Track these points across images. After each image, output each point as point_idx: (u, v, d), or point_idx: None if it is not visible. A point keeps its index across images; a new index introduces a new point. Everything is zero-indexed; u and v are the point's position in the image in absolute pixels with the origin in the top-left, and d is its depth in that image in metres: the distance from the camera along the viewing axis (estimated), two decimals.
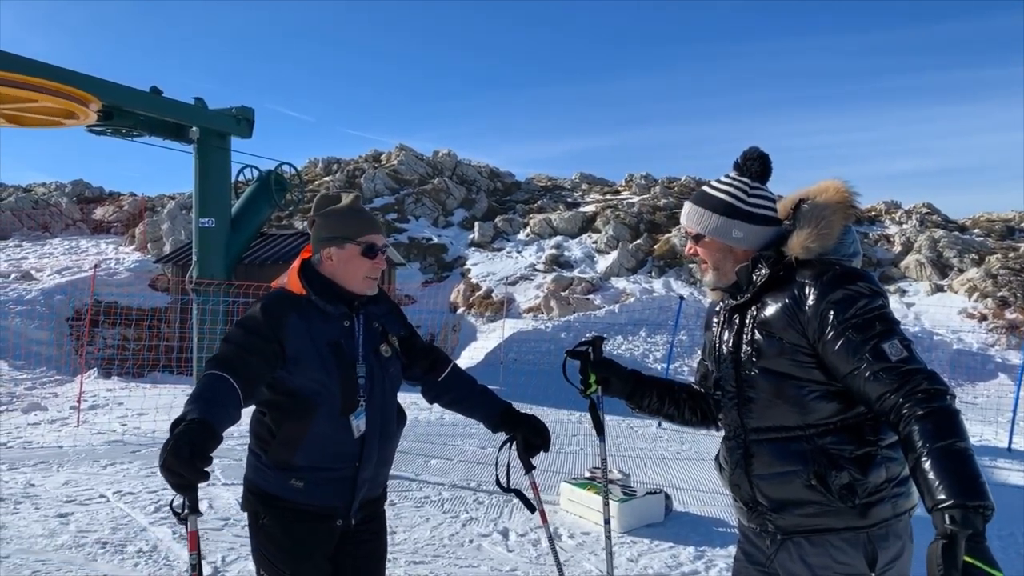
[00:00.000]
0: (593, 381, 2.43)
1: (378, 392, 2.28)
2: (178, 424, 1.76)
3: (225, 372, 1.96)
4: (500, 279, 20.24)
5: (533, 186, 29.90)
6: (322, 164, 29.32)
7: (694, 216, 2.08)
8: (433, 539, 5.02)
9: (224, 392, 1.92)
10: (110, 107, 11.28)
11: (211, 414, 1.81)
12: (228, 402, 1.91)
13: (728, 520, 5.55)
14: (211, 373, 1.96)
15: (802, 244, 1.93)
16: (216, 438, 1.76)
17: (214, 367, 1.98)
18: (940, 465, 1.57)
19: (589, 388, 2.44)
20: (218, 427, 1.79)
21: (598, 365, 2.43)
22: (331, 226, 2.29)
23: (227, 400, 1.91)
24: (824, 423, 1.89)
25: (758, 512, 2.01)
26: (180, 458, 1.66)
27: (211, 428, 1.76)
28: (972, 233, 22.29)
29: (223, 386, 1.93)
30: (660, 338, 15.39)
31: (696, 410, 2.34)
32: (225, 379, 1.94)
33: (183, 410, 1.82)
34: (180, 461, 1.66)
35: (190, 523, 1.78)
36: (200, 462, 1.68)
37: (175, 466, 1.66)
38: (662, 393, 2.38)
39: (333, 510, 2.23)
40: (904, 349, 1.76)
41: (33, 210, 24.53)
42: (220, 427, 1.81)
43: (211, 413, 1.81)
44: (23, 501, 5.41)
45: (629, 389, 2.40)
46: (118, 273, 17.87)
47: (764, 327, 1.94)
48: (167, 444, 1.69)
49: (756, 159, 2.05)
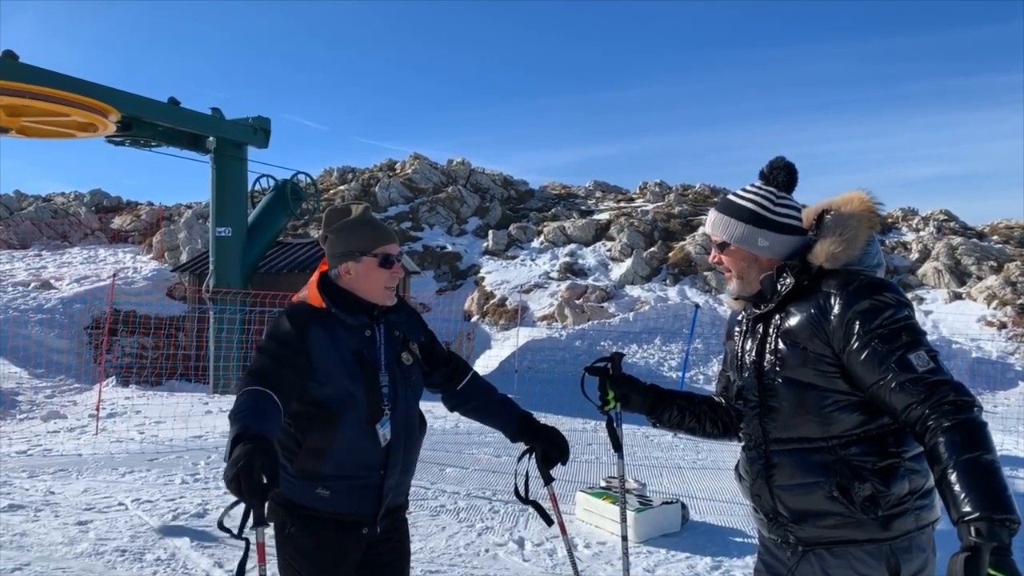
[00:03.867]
0: (612, 398, 2.41)
1: (402, 400, 2.29)
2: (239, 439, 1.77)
3: (267, 388, 1.97)
4: (514, 287, 20.25)
5: (547, 194, 29.94)
6: (337, 173, 29.51)
7: (720, 224, 2.08)
8: (449, 548, 5.02)
9: (268, 406, 1.94)
10: (129, 118, 11.42)
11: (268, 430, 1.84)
12: (272, 415, 1.93)
13: (746, 530, 5.51)
14: (255, 389, 1.97)
15: (828, 253, 1.93)
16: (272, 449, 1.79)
17: (256, 382, 1.99)
18: (966, 477, 1.56)
19: (608, 405, 2.42)
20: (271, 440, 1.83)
21: (617, 381, 2.41)
22: (345, 241, 2.30)
23: (272, 413, 1.94)
24: (847, 434, 1.87)
25: (779, 523, 1.99)
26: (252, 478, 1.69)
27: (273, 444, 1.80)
28: (990, 240, 22.08)
29: (266, 400, 1.95)
30: (675, 346, 15.34)
31: (717, 422, 2.33)
32: (266, 393, 1.96)
33: (237, 425, 1.84)
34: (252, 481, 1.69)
35: (257, 535, 1.80)
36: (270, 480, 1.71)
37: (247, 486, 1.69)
38: (682, 407, 2.37)
39: (360, 518, 2.24)
40: (931, 360, 1.75)
41: (52, 220, 24.84)
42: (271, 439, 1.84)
43: (268, 430, 1.85)
44: (43, 508, 5.46)
45: (649, 404, 2.39)
46: (136, 282, 18.05)
47: (788, 336, 1.94)
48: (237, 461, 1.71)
49: (783, 168, 2.06)
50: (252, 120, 13.52)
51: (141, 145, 13.04)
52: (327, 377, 2.17)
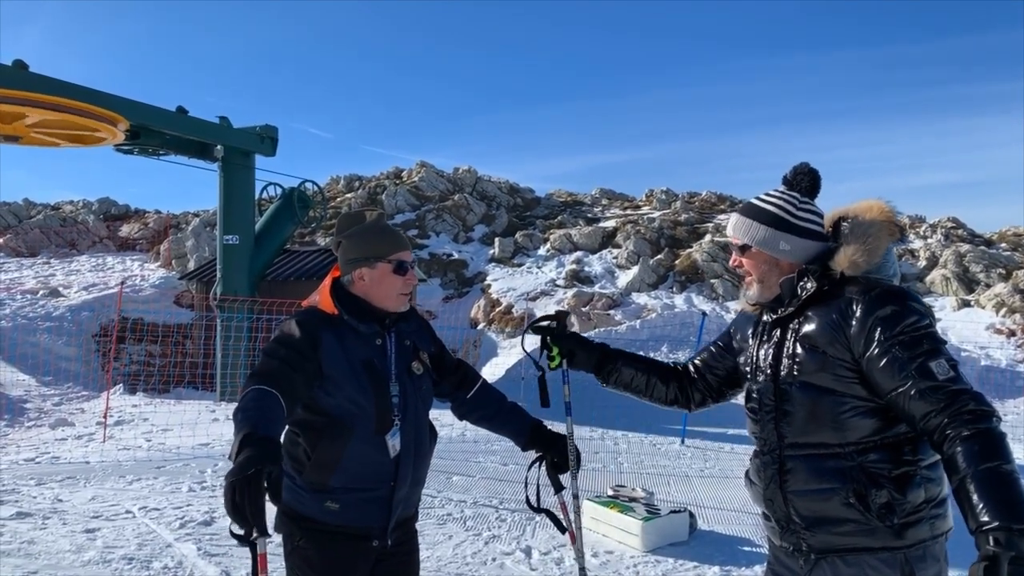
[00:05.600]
0: (557, 354, 2.39)
1: (411, 410, 2.26)
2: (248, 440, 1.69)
3: (272, 387, 1.91)
4: (520, 295, 20.23)
5: (553, 201, 29.94)
6: (344, 181, 29.59)
7: (741, 227, 2.07)
8: (456, 557, 5.00)
9: (276, 408, 1.87)
10: (138, 127, 11.48)
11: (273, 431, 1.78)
12: (279, 418, 1.87)
13: (754, 539, 5.48)
14: (259, 388, 1.90)
15: (850, 260, 1.93)
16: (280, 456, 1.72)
17: (261, 382, 1.93)
18: (985, 487, 1.56)
19: (553, 362, 2.39)
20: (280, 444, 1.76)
21: (562, 338, 2.39)
22: (360, 246, 2.28)
23: (279, 416, 1.87)
24: (863, 441, 1.86)
25: (792, 530, 1.98)
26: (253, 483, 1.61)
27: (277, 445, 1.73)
28: (999, 247, 21.97)
29: (273, 402, 1.88)
30: (682, 354, 15.28)
31: (670, 385, 2.34)
32: (273, 395, 1.89)
33: (241, 427, 1.75)
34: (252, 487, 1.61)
35: (260, 545, 1.72)
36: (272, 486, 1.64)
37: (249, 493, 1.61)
38: (632, 366, 2.36)
39: (369, 531, 2.21)
40: (951, 369, 1.75)
41: (61, 228, 24.96)
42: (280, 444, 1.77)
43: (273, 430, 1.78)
44: (51, 516, 5.46)
45: (595, 361, 2.37)
46: (143, 290, 18.10)
47: (807, 340, 1.93)
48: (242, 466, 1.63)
49: (806, 174, 2.06)
50: (259, 128, 13.59)
51: (149, 154, 13.11)
52: (336, 386, 2.14)
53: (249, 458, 1.65)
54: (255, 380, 1.94)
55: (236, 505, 1.61)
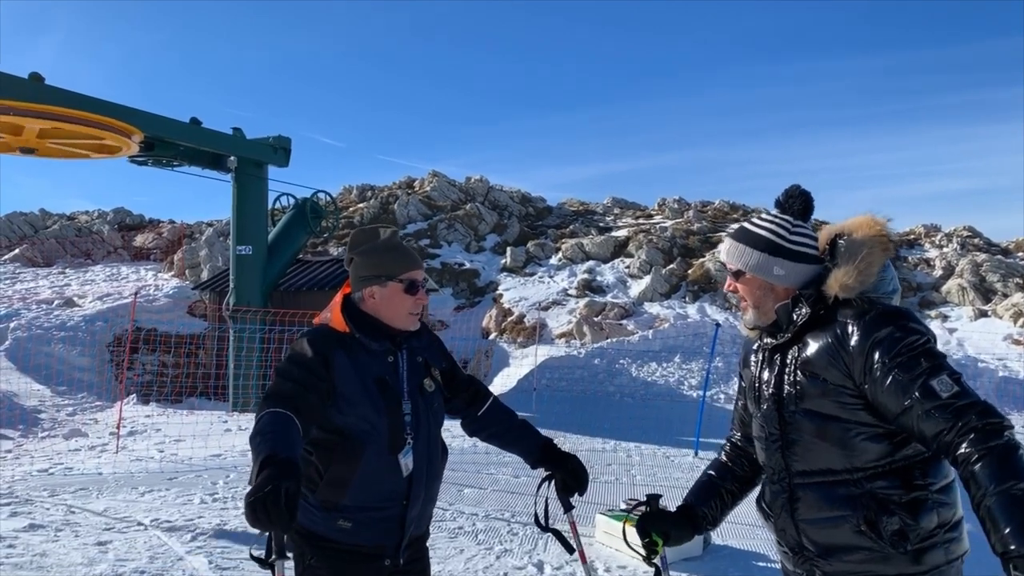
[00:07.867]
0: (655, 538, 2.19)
1: (424, 429, 2.25)
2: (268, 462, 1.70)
3: (287, 409, 1.91)
4: (532, 304, 20.20)
5: (565, 211, 29.93)
6: (356, 191, 29.70)
7: (734, 252, 2.05)
8: (467, 571, 4.97)
9: (293, 430, 1.88)
10: (152, 138, 11.57)
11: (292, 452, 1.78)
12: (297, 440, 1.87)
13: (769, 554, 5.41)
14: (274, 411, 1.90)
15: (841, 283, 1.89)
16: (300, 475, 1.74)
17: (276, 404, 1.93)
18: (1003, 511, 1.54)
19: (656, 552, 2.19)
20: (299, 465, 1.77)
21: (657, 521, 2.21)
22: (372, 264, 2.27)
23: (296, 438, 1.87)
24: (871, 466, 1.84)
25: (805, 557, 1.95)
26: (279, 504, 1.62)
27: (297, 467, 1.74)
28: (1016, 257, 21.76)
29: (290, 423, 1.88)
30: (695, 365, 15.20)
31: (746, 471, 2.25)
32: (289, 417, 1.89)
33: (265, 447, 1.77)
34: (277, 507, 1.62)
35: (278, 568, 1.74)
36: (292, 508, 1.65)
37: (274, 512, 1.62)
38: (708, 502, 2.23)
39: (382, 549, 2.20)
40: (954, 384, 1.71)
41: (76, 238, 25.18)
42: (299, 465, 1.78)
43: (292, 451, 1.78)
44: (63, 528, 5.47)
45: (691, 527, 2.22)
46: (157, 300, 18.20)
47: (807, 367, 1.90)
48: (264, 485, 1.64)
49: (798, 197, 2.03)
50: (272, 139, 13.66)
51: (163, 164, 13.21)
52: (349, 405, 2.13)
53: (268, 477, 1.66)
54: (270, 403, 1.94)
55: (259, 521, 1.63)
